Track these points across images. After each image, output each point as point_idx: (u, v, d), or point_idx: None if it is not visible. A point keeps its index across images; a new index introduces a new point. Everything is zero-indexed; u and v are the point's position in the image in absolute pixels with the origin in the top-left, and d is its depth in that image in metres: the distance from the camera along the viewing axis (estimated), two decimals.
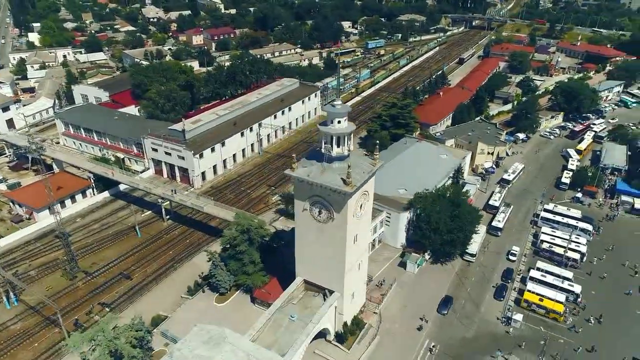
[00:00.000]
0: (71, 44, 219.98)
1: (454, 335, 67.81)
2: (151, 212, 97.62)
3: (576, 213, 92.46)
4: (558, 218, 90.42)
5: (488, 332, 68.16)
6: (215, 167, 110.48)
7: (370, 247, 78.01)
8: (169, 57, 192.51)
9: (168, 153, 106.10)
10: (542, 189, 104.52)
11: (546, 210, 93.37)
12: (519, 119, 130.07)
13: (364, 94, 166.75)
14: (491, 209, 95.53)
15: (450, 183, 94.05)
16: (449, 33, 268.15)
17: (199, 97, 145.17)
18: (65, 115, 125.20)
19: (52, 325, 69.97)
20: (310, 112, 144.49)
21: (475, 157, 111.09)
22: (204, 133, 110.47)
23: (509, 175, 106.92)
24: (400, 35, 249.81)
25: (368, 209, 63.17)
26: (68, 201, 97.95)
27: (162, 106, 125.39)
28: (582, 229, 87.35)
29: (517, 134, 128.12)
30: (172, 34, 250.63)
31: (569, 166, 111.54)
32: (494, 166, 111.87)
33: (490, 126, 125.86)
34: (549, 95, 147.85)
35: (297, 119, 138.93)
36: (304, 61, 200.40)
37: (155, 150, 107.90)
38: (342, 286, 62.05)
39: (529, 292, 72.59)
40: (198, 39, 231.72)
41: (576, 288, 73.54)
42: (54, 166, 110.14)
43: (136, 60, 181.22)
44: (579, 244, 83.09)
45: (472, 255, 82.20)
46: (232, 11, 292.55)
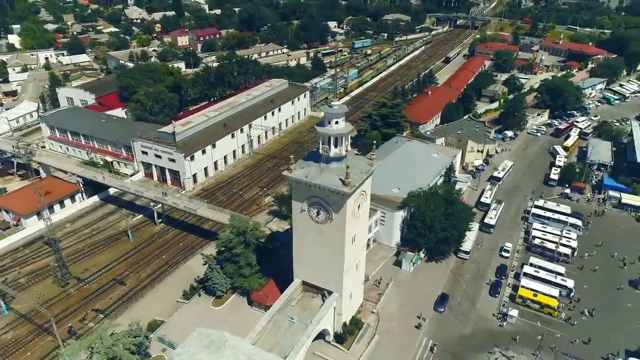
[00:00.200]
0: (53, 46, 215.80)
1: (452, 332, 68.38)
2: (142, 216, 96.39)
3: (566, 209, 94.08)
4: (548, 214, 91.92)
5: (485, 329, 68.90)
6: (206, 169, 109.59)
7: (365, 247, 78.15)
8: (154, 59, 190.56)
9: (158, 156, 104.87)
10: (532, 186, 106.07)
11: (536, 206, 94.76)
12: (507, 117, 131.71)
13: (353, 94, 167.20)
14: (483, 206, 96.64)
15: (442, 181, 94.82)
16: (434, 32, 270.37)
17: (187, 99, 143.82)
18: (50, 118, 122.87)
19: (45, 333, 68.55)
20: (300, 113, 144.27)
21: (465, 155, 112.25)
22: (194, 135, 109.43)
23: (499, 172, 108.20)
24: (386, 34, 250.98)
25: (365, 209, 63.32)
26: (57, 206, 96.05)
27: (151, 108, 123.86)
28: (572, 224, 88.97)
29: (505, 132, 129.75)
30: (157, 35, 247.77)
31: (557, 163, 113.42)
32: (484, 164, 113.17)
33: (478, 124, 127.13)
34: (535, 92, 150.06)
35: (287, 120, 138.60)
36: (292, 61, 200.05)
37: (145, 153, 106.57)
38: (341, 287, 62.10)
39: (523, 288, 73.58)
40: (183, 40, 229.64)
41: (569, 283, 74.82)
42: (41, 171, 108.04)
43: (121, 62, 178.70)
44: (570, 239, 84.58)
45: (466, 252, 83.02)
46: (217, 12, 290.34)
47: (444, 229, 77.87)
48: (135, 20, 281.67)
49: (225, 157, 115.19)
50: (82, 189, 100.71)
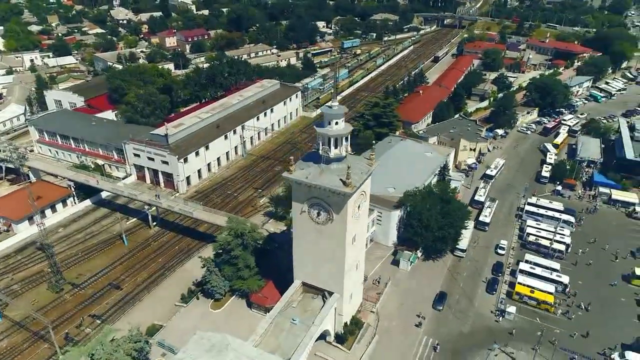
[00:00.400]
0: (38, 48, 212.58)
1: (451, 330, 68.84)
2: (136, 219, 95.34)
3: (558, 205, 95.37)
4: (542, 211, 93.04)
5: (484, 326, 69.48)
6: (199, 171, 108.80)
7: None
8: (143, 60, 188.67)
9: (151, 158, 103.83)
10: (524, 183, 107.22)
11: (530, 203, 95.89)
12: (498, 115, 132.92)
13: (344, 94, 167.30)
14: (477, 205, 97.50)
15: (436, 180, 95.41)
16: (422, 32, 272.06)
17: (177, 100, 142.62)
18: (39, 122, 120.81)
19: (41, 340, 67.47)
20: (292, 113, 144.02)
21: (458, 154, 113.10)
22: (187, 137, 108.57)
23: (492, 170, 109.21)
24: (374, 34, 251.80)
25: (365, 209, 63.47)
26: (48, 211, 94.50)
27: (142, 110, 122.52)
28: (565, 221, 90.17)
29: (496, 130, 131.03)
30: (144, 36, 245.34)
31: (548, 160, 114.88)
32: (477, 162, 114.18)
33: (470, 123, 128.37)
34: (524, 91, 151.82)
35: (280, 120, 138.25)
36: (282, 62, 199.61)
37: (137, 155, 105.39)
38: (342, 287, 62.11)
39: (520, 285, 74.37)
40: (171, 41, 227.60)
41: (564, 278, 75.81)
42: (31, 175, 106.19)
43: (109, 63, 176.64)
44: (564, 236, 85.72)
45: (463, 250, 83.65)
46: (205, 12, 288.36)
47: (441, 228, 78.34)
48: (121, 21, 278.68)
49: (218, 159, 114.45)
50: (74, 193, 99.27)
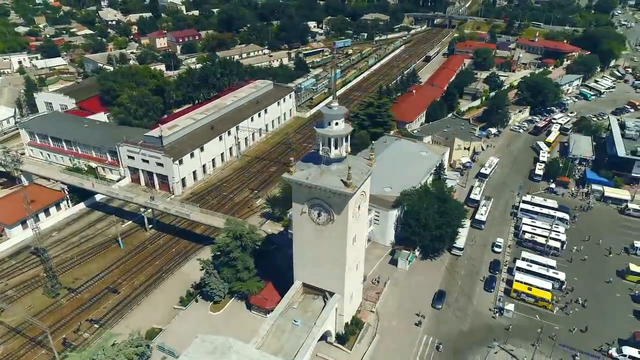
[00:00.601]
0: (26, 49, 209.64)
1: (451, 329, 69.20)
2: (132, 222, 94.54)
3: (552, 203, 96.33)
4: (536, 209, 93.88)
5: (483, 324, 69.95)
6: (195, 173, 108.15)
7: None
8: (133, 61, 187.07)
9: (146, 160, 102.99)
10: (518, 181, 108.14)
11: (524, 201, 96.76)
12: (490, 114, 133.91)
13: (337, 94, 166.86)
14: (472, 203, 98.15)
15: (432, 179, 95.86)
16: (413, 31, 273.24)
17: (170, 102, 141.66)
18: (30, 124, 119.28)
19: (39, 346, 66.57)
20: (285, 114, 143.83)
21: (452, 153, 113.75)
22: (182, 138, 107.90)
23: (486, 169, 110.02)
24: (366, 34, 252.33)
25: (365, 209, 63.61)
26: (42, 215, 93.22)
27: (135, 112, 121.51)
28: (560, 218, 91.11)
29: (489, 129, 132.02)
30: (134, 37, 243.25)
31: (541, 158, 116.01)
32: (471, 161, 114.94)
33: (464, 122, 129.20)
34: (515, 89, 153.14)
35: (274, 121, 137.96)
36: (274, 62, 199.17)
37: (131, 157, 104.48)
38: (343, 287, 62.12)
39: (518, 282, 74.96)
40: (162, 42, 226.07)
41: (561, 275, 76.59)
42: (23, 179, 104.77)
43: (99, 65, 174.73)
44: (559, 233, 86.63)
45: (460, 249, 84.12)
46: (195, 12, 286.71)
47: (439, 227, 78.75)
48: (110, 22, 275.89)
49: (213, 160, 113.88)
50: (68, 196, 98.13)
